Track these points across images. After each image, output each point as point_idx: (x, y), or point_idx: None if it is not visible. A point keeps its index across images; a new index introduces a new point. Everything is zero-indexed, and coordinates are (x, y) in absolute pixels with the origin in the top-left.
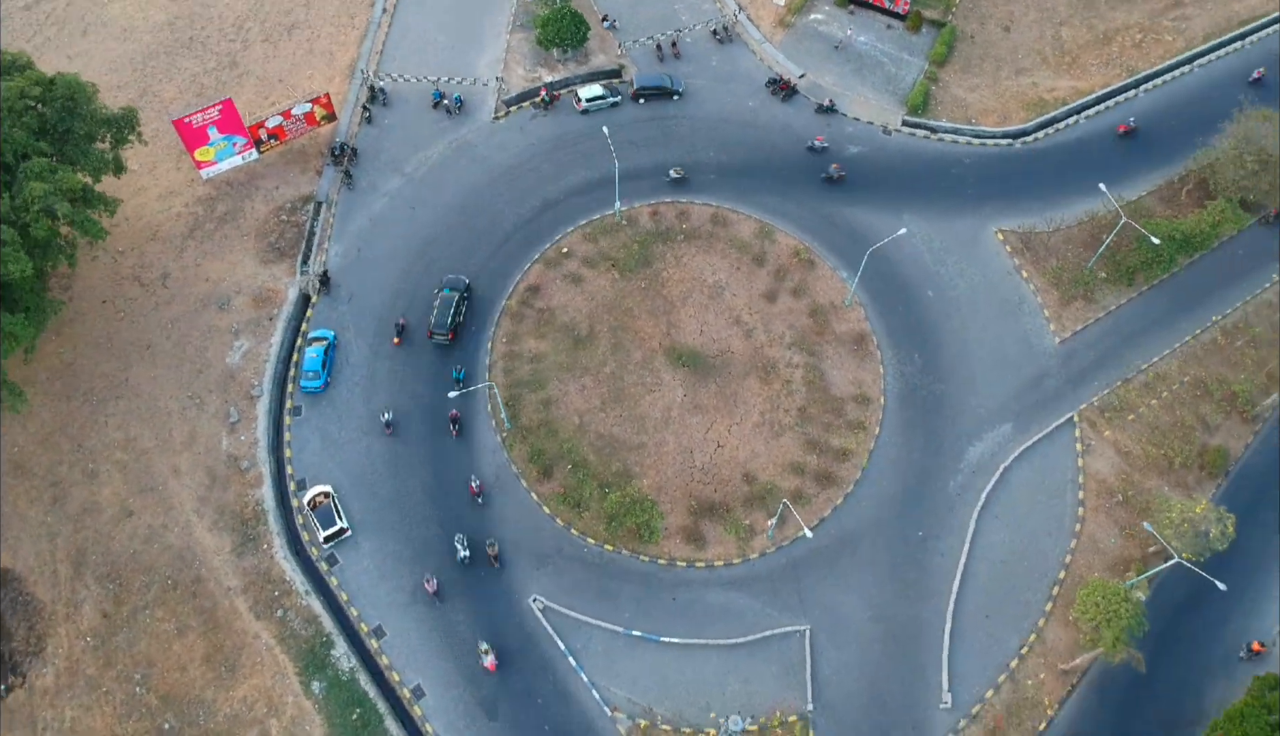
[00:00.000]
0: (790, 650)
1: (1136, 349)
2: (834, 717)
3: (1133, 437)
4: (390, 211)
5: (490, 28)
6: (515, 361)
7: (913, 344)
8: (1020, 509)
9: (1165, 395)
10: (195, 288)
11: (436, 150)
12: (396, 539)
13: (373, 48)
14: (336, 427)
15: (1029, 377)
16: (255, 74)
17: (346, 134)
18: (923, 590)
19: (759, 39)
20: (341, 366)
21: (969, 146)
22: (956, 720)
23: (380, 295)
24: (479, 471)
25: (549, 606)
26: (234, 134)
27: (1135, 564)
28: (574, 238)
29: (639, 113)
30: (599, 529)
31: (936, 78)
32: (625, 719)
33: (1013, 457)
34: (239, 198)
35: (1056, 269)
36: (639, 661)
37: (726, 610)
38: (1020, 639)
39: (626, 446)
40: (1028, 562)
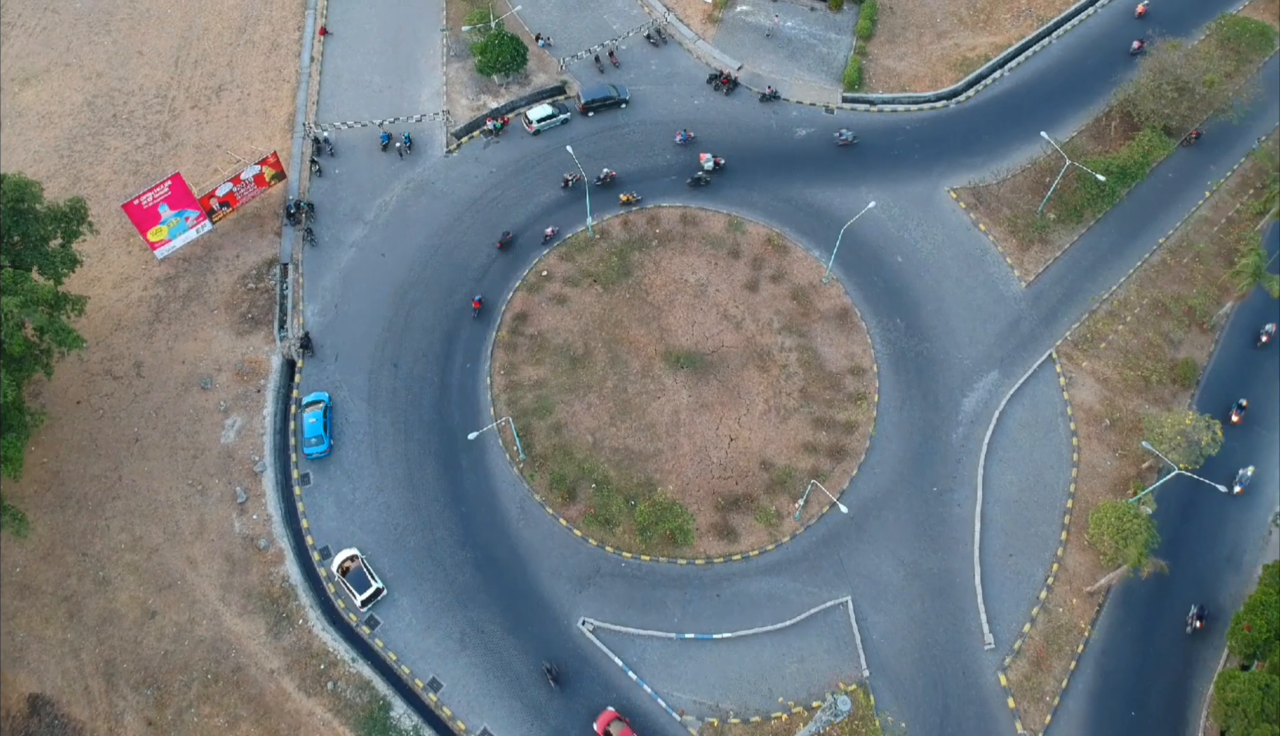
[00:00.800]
0: (837, 622)
1: (1096, 281)
2: (890, 678)
3: (1108, 364)
4: (360, 262)
5: (424, 62)
6: (517, 391)
7: (893, 310)
8: (1020, 449)
9: (1130, 320)
10: (172, 372)
11: (394, 193)
12: (434, 587)
13: (308, 99)
14: (350, 489)
15: (1004, 324)
16: (191, 143)
17: (299, 191)
18: (947, 542)
19: (692, 37)
20: (342, 427)
21: (908, 113)
22: (1002, 658)
23: (367, 348)
24: (501, 507)
25: (599, 626)
26: (186, 208)
27: (1134, 482)
28: (550, 259)
29: (590, 126)
30: (633, 541)
31: (865, 52)
32: (694, 720)
33: (1005, 402)
34: (200, 272)
35: (1010, 218)
36: (697, 662)
37: (770, 596)
38: (1044, 570)
39: (643, 456)
40: (1037, 497)
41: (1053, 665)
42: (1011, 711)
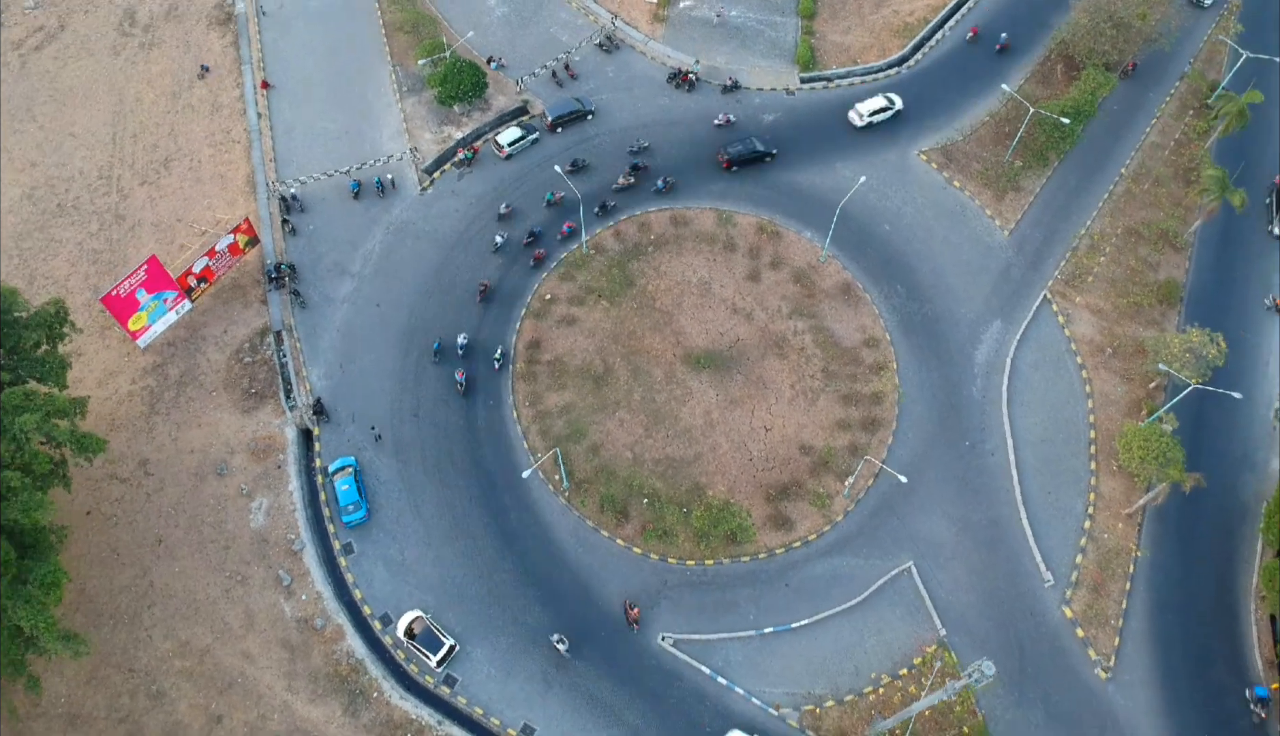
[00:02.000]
0: (905, 588)
1: (1071, 219)
2: (964, 631)
3: (1099, 296)
4: (356, 316)
5: (377, 101)
6: (546, 420)
7: (891, 278)
8: (1036, 390)
9: (1109, 250)
10: (182, 464)
11: (376, 240)
12: (505, 632)
13: (264, 157)
14: (397, 550)
15: (996, 274)
16: (148, 221)
17: (276, 253)
18: (989, 491)
19: (642, 39)
20: (375, 488)
21: (864, 85)
22: (1062, 592)
23: (383, 403)
24: (555, 539)
25: (679, 639)
26: (164, 290)
27: (1145, 402)
28: (551, 282)
29: (562, 142)
30: (694, 549)
31: (812, 31)
32: (791, 711)
33: (1013, 348)
34: (189, 354)
35: (981, 171)
36: (780, 654)
37: (836, 576)
38: (1083, 501)
39: (685, 462)
40: (1061, 433)
41: (1110, 589)
42: (1082, 640)
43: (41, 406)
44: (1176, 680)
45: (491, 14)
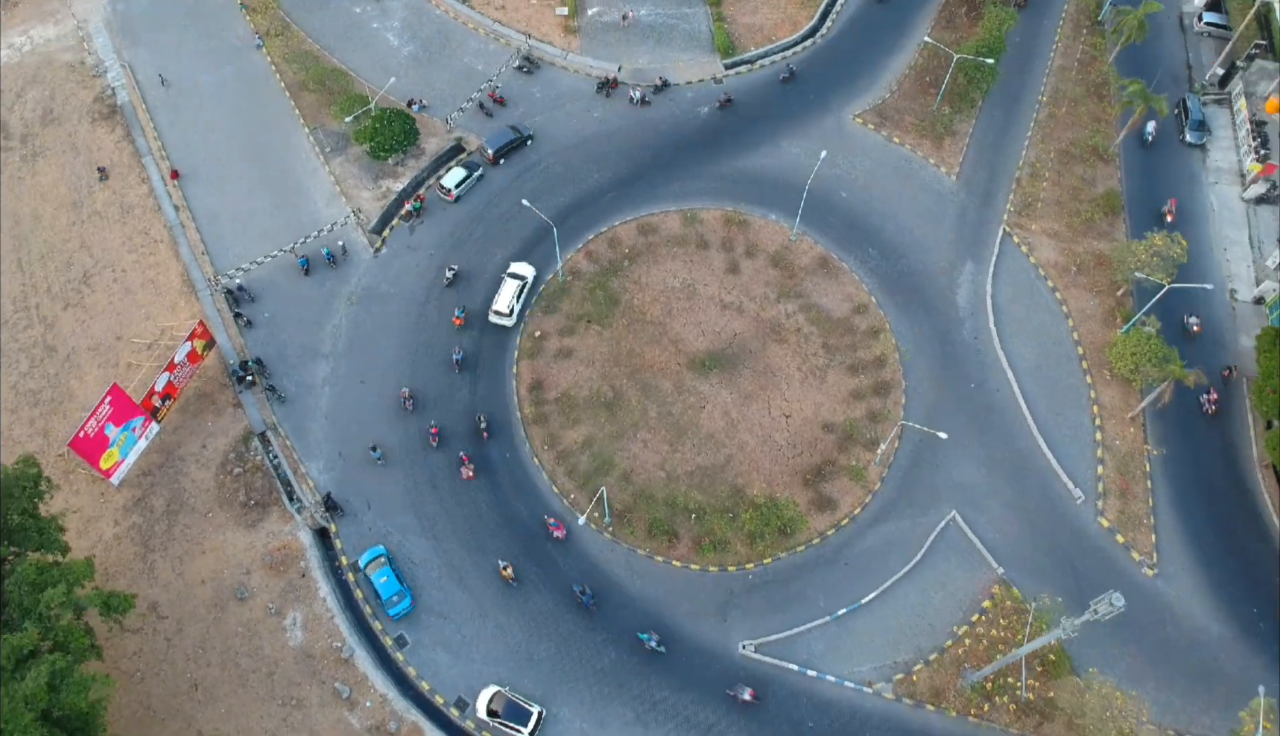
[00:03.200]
0: (954, 538)
1: (1007, 153)
2: (1019, 564)
3: (1051, 219)
4: (341, 398)
5: (301, 169)
6: (570, 460)
7: (861, 242)
8: (1019, 321)
9: (1049, 175)
10: (196, 598)
11: (341, 314)
12: (587, 684)
13: (195, 251)
14: (453, 630)
15: (954, 218)
16: (84, 347)
17: (236, 351)
18: (1004, 426)
19: (560, 54)
20: (412, 571)
21: (785, 60)
22: (1094, 505)
23: (395, 482)
24: (611, 575)
25: (759, 643)
26: (131, 419)
27: (1118, 310)
28: (535, 317)
29: (508, 173)
30: (749, 551)
31: (723, 16)
32: (884, 684)
33: (989, 285)
34: (170, 479)
35: (915, 123)
36: (858, 632)
37: (889, 542)
38: (1088, 416)
39: (718, 467)
40: (1052, 356)
41: (1135, 491)
42: (1123, 546)
43: (60, 577)
44: (1212, 560)
45: (398, 55)
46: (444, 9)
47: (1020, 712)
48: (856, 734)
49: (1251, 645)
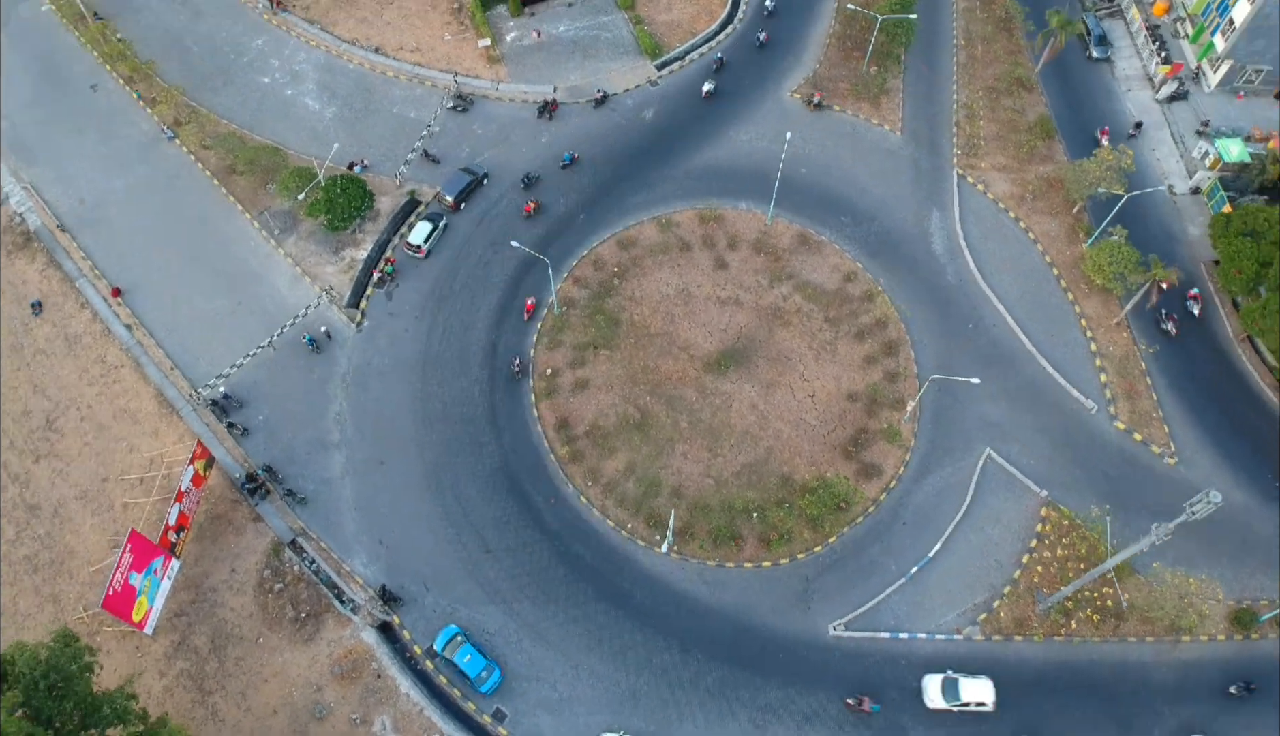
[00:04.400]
0: (995, 473)
1: (939, 100)
2: (1058, 484)
3: (997, 154)
4: (366, 486)
5: (252, 258)
6: (616, 489)
7: (832, 212)
8: (995, 255)
9: (983, 112)
10: (273, 730)
11: (339, 400)
12: (699, 704)
13: (162, 370)
14: (549, 689)
15: (909, 172)
16: (70, 497)
17: (239, 464)
18: (1009, 358)
19: (491, 86)
20: (492, 643)
21: (713, 50)
22: (1107, 412)
23: (447, 558)
24: (689, 594)
25: (847, 621)
26: (151, 561)
27: (1077, 227)
28: (541, 356)
29: (472, 217)
30: (814, 535)
31: (640, 19)
32: (972, 628)
33: (958, 227)
34: (208, 614)
35: (849, 88)
36: (933, 586)
37: (938, 492)
38: (1078, 329)
39: (762, 461)
40: (1032, 282)
41: (1139, 391)
42: (1142, 443)
43: None
44: (1221, 436)
45: (322, 119)
46: (357, 62)
47: (1101, 622)
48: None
49: (1276, 508)
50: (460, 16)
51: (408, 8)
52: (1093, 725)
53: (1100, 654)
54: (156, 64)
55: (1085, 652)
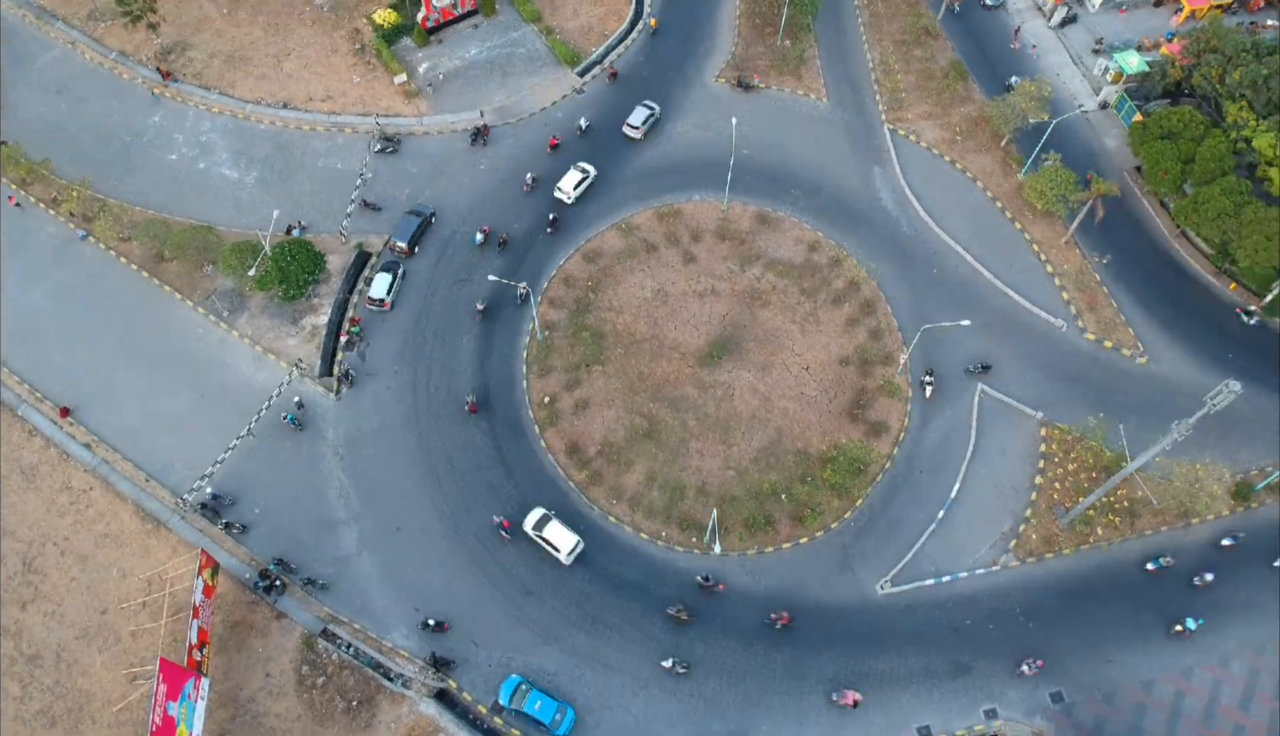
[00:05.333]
0: (992, 406)
1: (854, 61)
2: (1050, 404)
3: (920, 103)
4: (386, 555)
5: (204, 346)
6: (640, 502)
7: (781, 188)
8: (942, 200)
9: (897, 66)
10: None
11: (337, 474)
12: (776, 693)
13: (138, 484)
14: (624, 715)
15: (843, 135)
16: (70, 639)
17: (246, 564)
18: (976, 295)
19: (414, 122)
20: (556, 686)
21: (628, 49)
22: (1075, 325)
23: (484, 605)
24: (738, 584)
25: (893, 577)
26: (183, 686)
27: (1008, 158)
28: (534, 384)
29: (427, 258)
30: (843, 502)
31: (550, 29)
32: (1007, 557)
33: (901, 179)
34: (252, 725)
35: (769, 65)
36: (960, 524)
37: (945, 436)
38: (1029, 254)
39: (775, 443)
40: (980, 219)
41: (1099, 301)
42: (1113, 349)
43: None
44: (1183, 325)
45: (244, 187)
46: (267, 121)
47: (1120, 523)
48: (1008, 611)
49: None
50: (364, 56)
51: (307, 56)
52: (1133, 617)
53: (1124, 552)
54: (50, 162)
55: (1113, 555)
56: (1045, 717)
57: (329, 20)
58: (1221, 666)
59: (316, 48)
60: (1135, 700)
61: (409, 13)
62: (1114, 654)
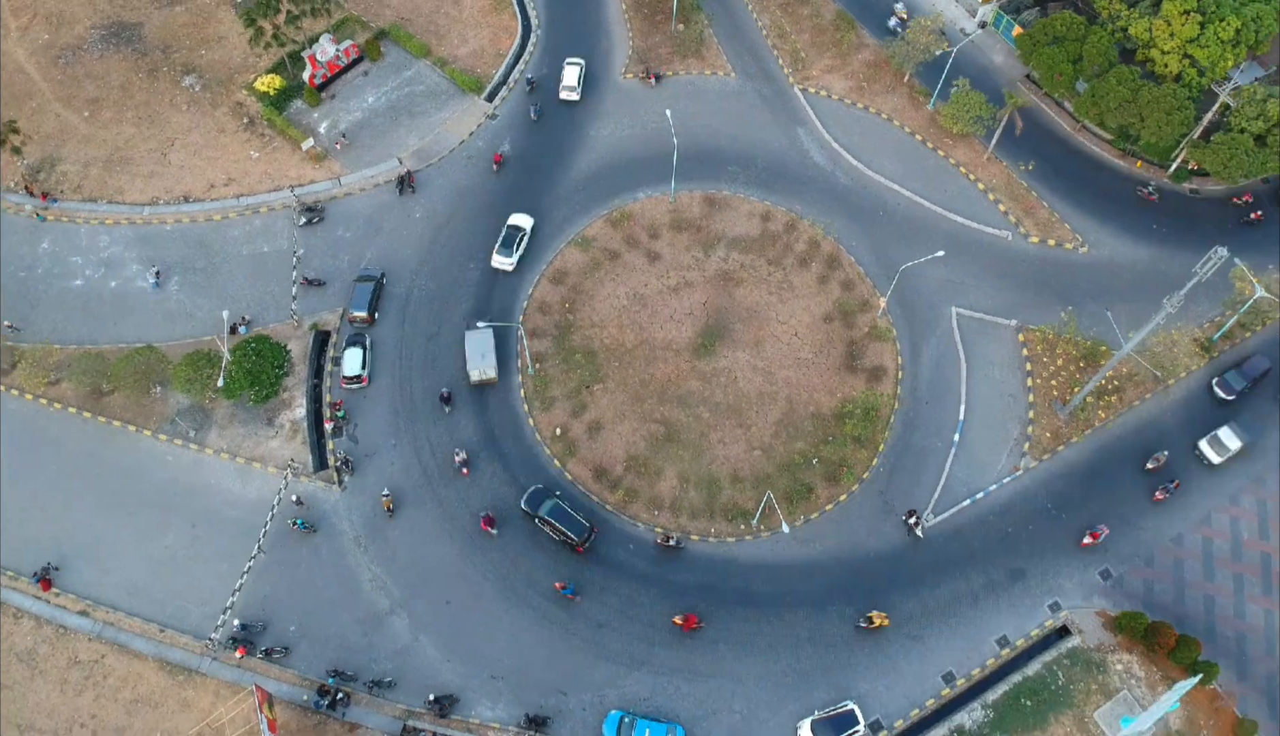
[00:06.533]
0: (968, 324)
1: (747, 31)
2: (1020, 310)
3: (820, 60)
4: (445, 636)
5: (180, 476)
6: (682, 503)
7: (719, 166)
8: (867, 144)
9: (788, 27)
10: None
11: (366, 565)
12: (863, 657)
13: (151, 638)
14: (730, 715)
15: (759, 106)
16: None
17: (298, 686)
18: (926, 228)
19: (333, 184)
20: (656, 708)
21: (529, 60)
22: (1018, 232)
23: (562, 654)
24: (795, 561)
25: (933, 508)
26: None
27: (915, 92)
28: (540, 421)
29: (391, 322)
30: (869, 452)
31: (443, 60)
32: (1022, 460)
33: (829, 136)
34: None
35: (670, 52)
36: (978, 441)
37: (936, 364)
38: (959, 177)
39: (788, 412)
40: (905, 155)
41: (1031, 204)
42: (1056, 246)
43: None
44: (1108, 210)
45: (169, 296)
46: (171, 220)
47: (1117, 403)
48: (1040, 509)
49: (1171, 249)
50: (256, 129)
51: (193, 142)
52: (1147, 486)
53: (1123, 427)
54: None
55: (1114, 432)
56: (1101, 595)
57: (205, 99)
58: (1233, 504)
59: (201, 131)
60: (1172, 557)
61: (291, 74)
62: (1141, 521)
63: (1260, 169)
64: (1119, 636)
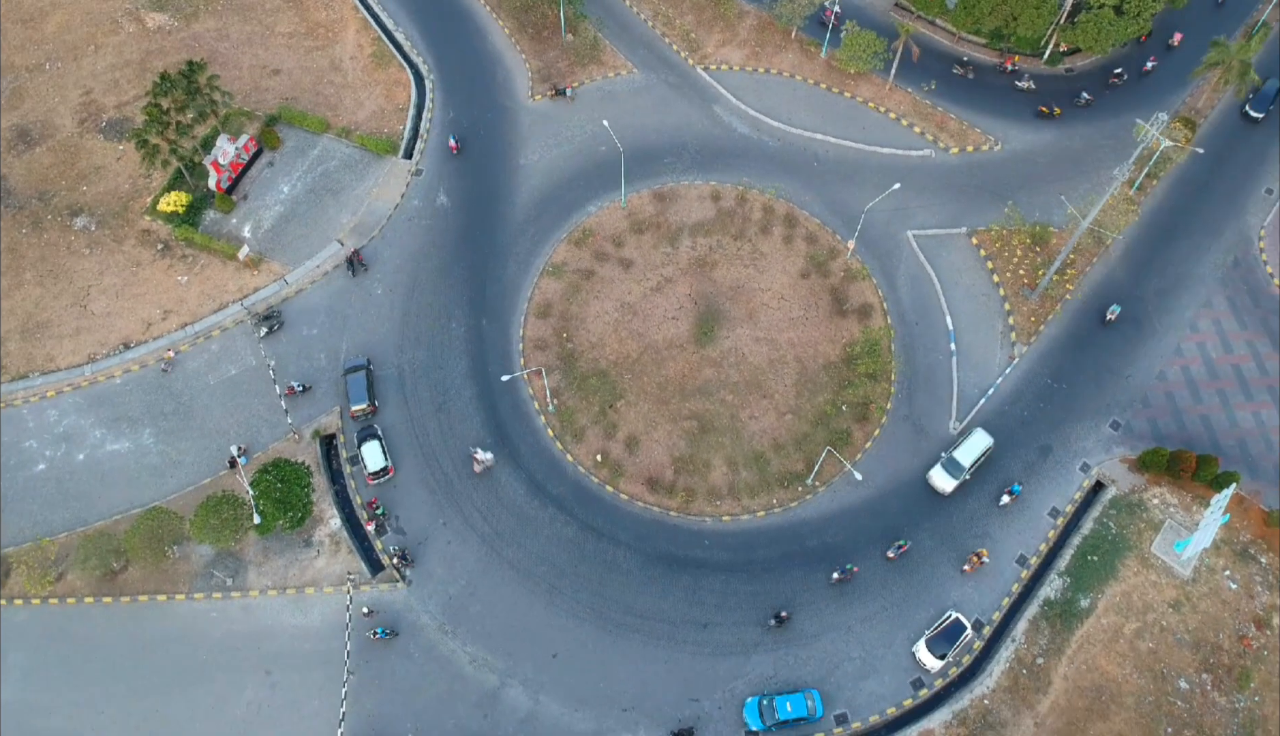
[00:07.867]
0: (928, 244)
1: (631, 26)
2: (967, 216)
3: (710, 35)
4: (563, 687)
5: (233, 628)
6: (739, 486)
7: (654, 161)
8: (778, 104)
9: (670, 12)
10: None
11: (459, 650)
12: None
13: None
14: (853, 663)
15: (671, 96)
16: None
17: None
18: (855, 165)
19: (280, 286)
20: (788, 680)
21: (431, 108)
22: (938, 148)
23: (681, 665)
24: (855, 506)
25: (955, 413)
26: None
27: (805, 45)
28: (577, 453)
29: (392, 405)
30: (886, 387)
31: (346, 130)
32: (1015, 347)
33: (742, 106)
34: None
35: (571, 62)
36: (972, 344)
37: (914, 289)
38: (871, 112)
39: (801, 372)
40: (813, 103)
41: (941, 119)
42: (974, 151)
43: None
44: (1004, 107)
45: (147, 450)
46: (119, 372)
47: (1076, 273)
48: (1044, 386)
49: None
50: (174, 252)
51: (110, 286)
52: (1122, 341)
53: (1088, 290)
54: None
55: (1079, 296)
56: (1118, 444)
57: (105, 237)
58: (1193, 331)
59: (114, 272)
60: (1163, 392)
61: (192, 185)
62: (1126, 370)
63: (1124, 34)
64: (1146, 475)
